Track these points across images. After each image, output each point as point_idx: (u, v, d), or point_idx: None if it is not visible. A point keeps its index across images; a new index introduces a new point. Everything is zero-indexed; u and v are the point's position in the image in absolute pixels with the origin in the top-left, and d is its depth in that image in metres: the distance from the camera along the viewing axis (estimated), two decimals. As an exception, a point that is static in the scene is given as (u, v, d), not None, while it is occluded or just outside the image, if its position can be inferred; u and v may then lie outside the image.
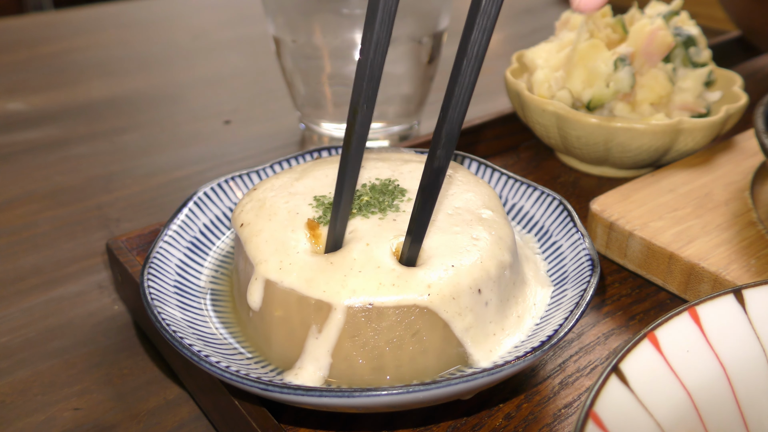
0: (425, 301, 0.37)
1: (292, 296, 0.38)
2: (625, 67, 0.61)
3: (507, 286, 0.41)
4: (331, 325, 0.37)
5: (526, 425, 0.40)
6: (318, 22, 0.66)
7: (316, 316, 0.37)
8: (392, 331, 0.37)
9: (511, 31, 1.19)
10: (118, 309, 0.52)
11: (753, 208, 0.54)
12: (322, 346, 0.37)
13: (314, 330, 0.37)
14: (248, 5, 1.28)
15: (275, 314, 0.39)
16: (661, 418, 0.30)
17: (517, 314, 0.41)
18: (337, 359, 0.37)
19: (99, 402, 0.44)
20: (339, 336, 0.37)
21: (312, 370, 0.37)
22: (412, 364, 0.38)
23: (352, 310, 0.37)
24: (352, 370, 0.38)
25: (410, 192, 0.44)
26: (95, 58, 1.05)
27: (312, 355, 0.38)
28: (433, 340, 0.38)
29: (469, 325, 0.38)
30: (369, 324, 0.37)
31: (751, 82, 0.81)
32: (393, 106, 0.72)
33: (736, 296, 0.33)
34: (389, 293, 0.37)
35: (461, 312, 0.38)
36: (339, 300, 0.37)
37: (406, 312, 0.37)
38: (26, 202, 0.67)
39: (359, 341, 0.37)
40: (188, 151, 0.76)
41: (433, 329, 0.37)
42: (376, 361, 0.37)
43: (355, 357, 0.37)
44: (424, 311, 0.37)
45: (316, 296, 0.37)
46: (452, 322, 0.37)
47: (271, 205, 0.43)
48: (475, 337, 0.39)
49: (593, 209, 0.54)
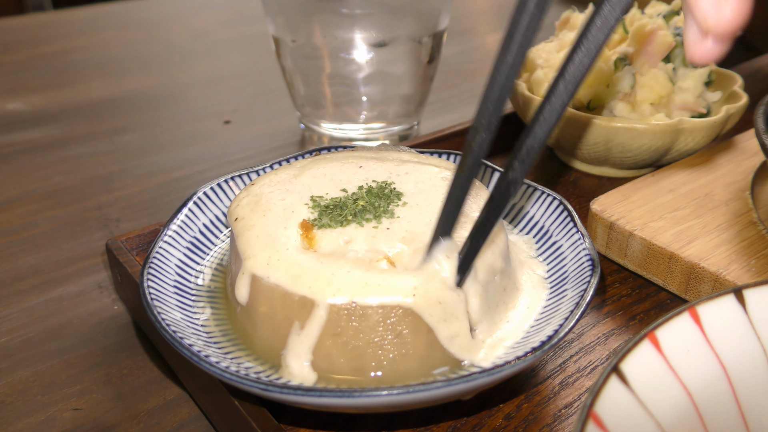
0: (409, 303, 0.36)
1: (277, 292, 0.38)
2: (625, 67, 0.61)
3: (497, 291, 0.41)
4: (313, 321, 0.37)
5: (526, 425, 0.40)
6: (318, 22, 0.66)
7: (300, 312, 0.37)
8: (374, 331, 0.37)
9: (511, 31, 1.19)
10: (117, 309, 0.52)
11: (753, 208, 0.54)
12: (304, 343, 0.37)
13: (297, 326, 0.37)
14: (248, 5, 1.28)
15: (260, 310, 0.39)
16: (662, 418, 0.30)
17: (506, 320, 0.41)
18: (318, 357, 0.37)
19: (99, 402, 0.44)
20: (321, 333, 0.37)
21: (295, 367, 0.37)
22: (393, 366, 0.37)
23: (335, 308, 0.36)
24: (332, 368, 0.37)
25: (406, 196, 0.44)
26: (95, 58, 1.05)
27: (294, 351, 0.37)
28: (416, 345, 0.37)
29: (454, 333, 0.38)
30: (351, 323, 0.36)
31: (751, 82, 0.81)
32: (393, 106, 0.72)
33: (737, 296, 0.33)
34: (374, 293, 0.36)
35: (446, 318, 0.37)
36: (323, 297, 0.36)
37: (389, 312, 0.36)
38: (26, 202, 0.66)
39: (340, 340, 0.37)
40: (188, 151, 0.76)
41: (417, 333, 0.37)
42: (356, 362, 0.37)
43: (336, 356, 0.37)
44: (407, 313, 0.36)
45: (300, 292, 0.37)
46: (437, 327, 0.37)
47: (267, 201, 0.43)
48: (462, 345, 0.38)
49: (593, 209, 0.54)
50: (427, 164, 0.48)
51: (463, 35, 1.15)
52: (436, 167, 0.47)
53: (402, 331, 0.37)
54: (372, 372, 0.37)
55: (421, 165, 0.48)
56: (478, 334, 0.39)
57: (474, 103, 1.00)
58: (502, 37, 0.32)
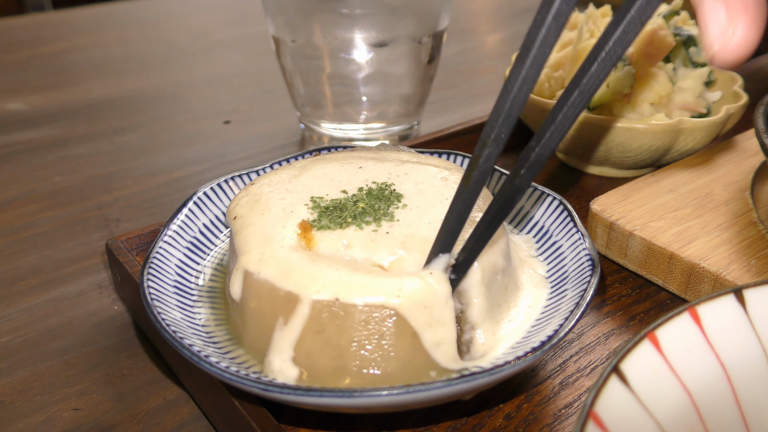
0: (394, 303, 0.36)
1: (266, 288, 0.38)
2: (625, 67, 0.61)
3: (499, 291, 0.41)
4: (296, 317, 0.36)
5: (526, 425, 0.40)
6: (318, 22, 0.66)
7: (285, 308, 0.37)
8: (357, 330, 0.36)
9: (511, 31, 1.19)
10: (117, 309, 0.52)
11: (753, 208, 0.54)
12: (287, 338, 0.37)
13: (281, 322, 0.37)
14: (248, 5, 1.28)
15: (250, 305, 0.39)
16: (662, 418, 0.30)
17: (509, 319, 0.41)
18: (299, 353, 0.37)
19: (99, 402, 0.44)
20: (303, 330, 0.36)
21: (277, 363, 0.37)
22: (375, 369, 0.37)
23: (318, 304, 0.36)
24: (313, 366, 0.37)
25: (406, 197, 0.44)
26: (95, 58, 1.05)
27: (277, 347, 0.37)
28: (399, 347, 0.36)
29: (440, 340, 0.37)
30: (334, 321, 0.36)
31: (751, 82, 0.81)
32: (393, 106, 0.72)
33: (737, 296, 0.33)
34: (359, 291, 0.36)
35: (432, 324, 0.36)
36: (307, 292, 0.36)
37: (373, 312, 0.36)
38: (26, 202, 0.66)
39: (322, 337, 0.37)
40: (188, 151, 0.76)
41: (401, 336, 0.36)
42: (337, 361, 0.37)
43: (317, 353, 0.37)
44: (392, 314, 0.36)
45: (286, 288, 0.37)
46: (422, 332, 0.36)
47: (266, 200, 0.43)
48: (447, 353, 0.37)
49: (593, 209, 0.54)
50: (427, 164, 0.48)
51: (463, 35, 1.15)
52: (435, 167, 0.47)
53: (385, 333, 0.36)
54: (352, 373, 0.37)
55: (421, 165, 0.48)
56: (480, 334, 0.39)
57: (474, 104, 1.00)
58: (518, 51, 0.32)
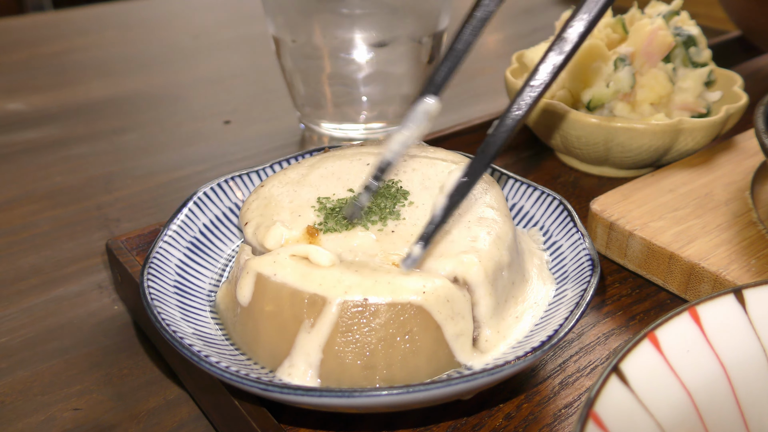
0: (419, 300, 0.37)
1: (285, 290, 0.38)
2: (625, 67, 0.61)
3: (505, 287, 0.41)
4: (324, 319, 0.37)
5: (526, 425, 0.40)
6: (318, 22, 0.66)
7: (310, 310, 0.37)
8: (385, 329, 0.37)
9: (511, 31, 1.19)
10: (118, 309, 0.52)
11: (753, 208, 0.54)
12: (314, 341, 0.37)
13: (306, 325, 0.37)
14: (248, 5, 1.28)
15: (265, 309, 0.39)
16: (661, 418, 0.30)
17: (515, 315, 0.41)
18: (328, 355, 0.37)
19: (99, 402, 0.44)
20: (331, 331, 0.37)
21: (303, 366, 0.37)
22: (403, 364, 0.38)
23: (346, 305, 0.36)
24: (342, 367, 0.37)
25: (412, 194, 0.44)
26: (95, 58, 1.05)
27: (303, 350, 0.37)
28: (424, 341, 0.37)
29: (460, 332, 0.38)
30: (362, 320, 0.37)
31: (751, 82, 0.81)
32: (393, 106, 0.72)
33: (737, 296, 0.33)
34: (384, 291, 0.37)
35: (453, 316, 0.38)
36: (334, 294, 0.36)
37: (400, 310, 0.37)
38: (26, 202, 0.66)
39: (351, 338, 0.37)
40: (188, 151, 0.76)
41: (426, 330, 0.37)
42: (366, 359, 0.37)
43: (346, 354, 0.37)
44: (417, 311, 0.37)
45: (311, 290, 0.37)
46: (444, 324, 0.37)
47: (276, 205, 0.43)
48: (464, 345, 0.39)
49: (593, 209, 0.54)
50: (434, 158, 0.48)
51: (463, 35, 1.15)
52: (443, 161, 0.47)
53: (412, 329, 0.37)
54: (382, 370, 0.38)
55: (428, 159, 0.48)
56: (487, 334, 0.40)
57: (474, 104, 1.00)
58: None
